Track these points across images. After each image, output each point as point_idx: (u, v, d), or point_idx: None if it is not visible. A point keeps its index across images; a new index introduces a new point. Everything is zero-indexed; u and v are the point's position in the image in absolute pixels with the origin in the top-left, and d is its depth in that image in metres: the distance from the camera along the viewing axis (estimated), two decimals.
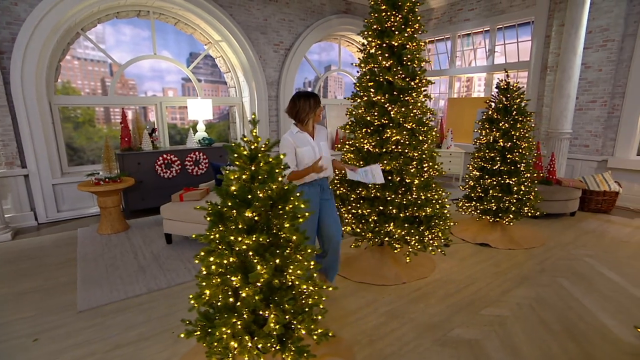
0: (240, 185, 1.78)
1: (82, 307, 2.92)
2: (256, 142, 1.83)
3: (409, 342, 2.41)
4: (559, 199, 4.93)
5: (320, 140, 2.72)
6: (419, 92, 3.25)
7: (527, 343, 2.40)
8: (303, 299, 2.04)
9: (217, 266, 1.77)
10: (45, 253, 4.05)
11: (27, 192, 4.99)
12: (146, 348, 2.40)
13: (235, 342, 1.77)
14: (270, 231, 1.82)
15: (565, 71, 5.38)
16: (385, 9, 3.08)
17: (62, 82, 6.02)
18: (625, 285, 3.15)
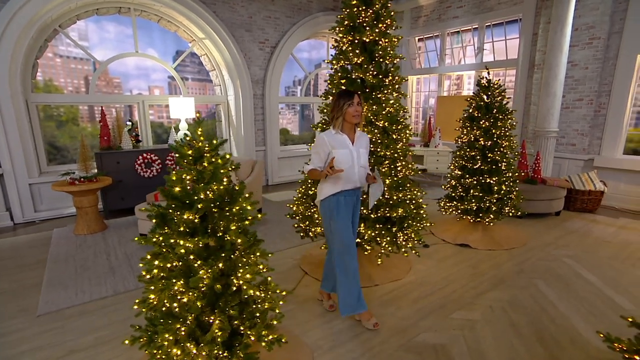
0: (184, 186, 1.71)
1: (42, 310, 2.84)
2: (200, 142, 1.75)
3: (372, 348, 2.34)
4: (543, 199, 4.86)
5: (360, 147, 2.48)
6: (393, 90, 3.17)
7: (494, 348, 2.33)
8: (258, 303, 1.97)
9: (160, 270, 1.70)
10: (17, 254, 3.96)
11: (2, 192, 4.90)
12: (102, 353, 2.32)
13: (178, 349, 1.69)
14: (216, 234, 1.74)
15: (552, 69, 5.30)
16: (356, 4, 3.00)
17: (43, 80, 5.93)
18: (601, 287, 3.08)
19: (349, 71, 3.13)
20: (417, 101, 8.93)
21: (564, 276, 3.29)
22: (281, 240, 4.25)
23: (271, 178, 7.21)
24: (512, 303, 2.86)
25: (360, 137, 2.52)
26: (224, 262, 1.70)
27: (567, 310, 2.74)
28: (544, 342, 2.37)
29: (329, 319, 2.67)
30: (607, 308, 2.75)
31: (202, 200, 1.65)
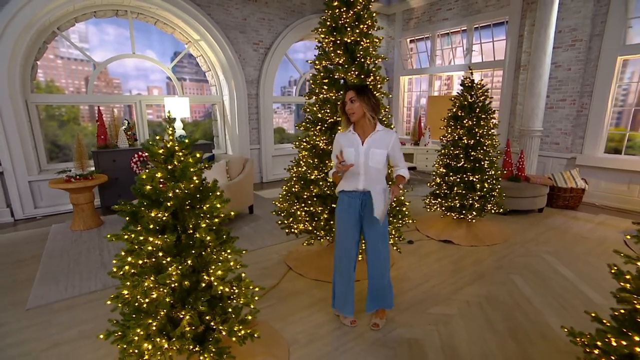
0: (154, 185, 1.66)
1: (31, 304, 2.80)
2: (173, 141, 1.70)
3: (348, 342, 2.31)
4: (526, 196, 4.81)
5: (374, 147, 2.20)
6: (376, 90, 3.11)
7: (467, 342, 2.30)
8: (233, 299, 1.93)
9: (131, 266, 1.66)
10: (15, 249, 3.93)
11: (3, 189, 4.87)
12: (84, 347, 2.29)
13: (150, 344, 1.66)
14: (186, 231, 1.70)
15: (536, 70, 5.24)
16: (337, 5, 2.94)
17: (45, 80, 5.89)
18: (576, 282, 3.03)
19: (331, 71, 3.08)
20: (409, 101, 8.86)
21: (541, 272, 3.25)
22: (270, 236, 4.21)
23: (265, 175, 7.17)
24: (489, 298, 2.83)
25: (378, 136, 2.23)
26: (194, 259, 1.66)
27: (540, 305, 2.71)
28: (516, 337, 2.33)
29: (309, 313, 2.64)
30: (579, 303, 2.71)
31: (171, 199, 1.61)
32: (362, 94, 2.17)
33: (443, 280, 3.15)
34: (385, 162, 2.28)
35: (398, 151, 2.31)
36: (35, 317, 2.64)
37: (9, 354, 2.25)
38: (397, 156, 2.32)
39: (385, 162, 2.28)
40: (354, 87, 2.22)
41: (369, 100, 2.18)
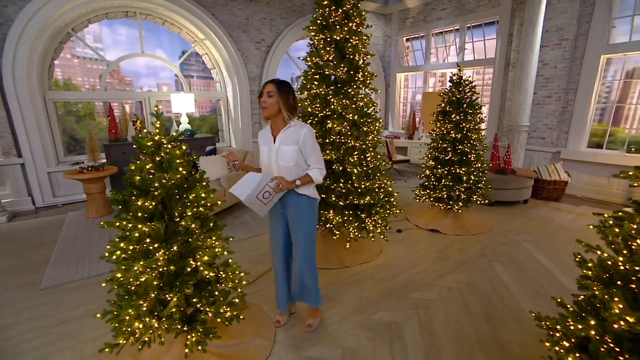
0: (143, 175, 1.66)
1: (45, 285, 2.85)
2: (160, 134, 1.69)
3: (332, 324, 2.31)
4: (512, 188, 4.74)
5: (284, 144, 1.92)
6: (365, 85, 3.06)
7: (444, 325, 2.28)
8: (221, 282, 1.93)
9: (122, 252, 1.66)
10: (33, 234, 3.99)
11: (24, 179, 4.92)
12: (89, 324, 2.32)
13: (140, 324, 1.67)
14: (173, 219, 1.70)
15: (524, 68, 5.12)
16: (327, 4, 2.87)
17: (63, 78, 5.90)
18: (553, 270, 3.00)
19: (322, 67, 3.03)
20: (405, 97, 8.74)
21: (521, 260, 3.22)
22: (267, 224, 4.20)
23: None
24: (469, 284, 2.80)
25: (289, 132, 1.93)
26: (180, 245, 1.66)
27: (517, 291, 2.68)
28: (490, 321, 2.32)
29: None
30: (553, 289, 2.69)
31: (158, 188, 1.60)
32: (282, 90, 1.90)
33: (427, 267, 3.13)
34: (299, 160, 1.94)
35: (310, 147, 1.94)
36: (47, 296, 2.68)
37: (22, 328, 2.29)
38: (307, 152, 1.94)
39: (299, 160, 1.94)
40: (276, 82, 1.92)
41: (287, 98, 1.91)
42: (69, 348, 2.09)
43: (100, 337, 2.15)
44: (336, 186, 2.98)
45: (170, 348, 1.85)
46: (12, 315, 2.44)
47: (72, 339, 2.17)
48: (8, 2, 4.43)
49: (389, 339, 2.15)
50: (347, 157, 2.94)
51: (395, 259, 3.30)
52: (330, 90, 3.00)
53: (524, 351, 2.02)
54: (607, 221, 1.47)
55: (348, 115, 2.93)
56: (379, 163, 3.19)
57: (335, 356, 2.01)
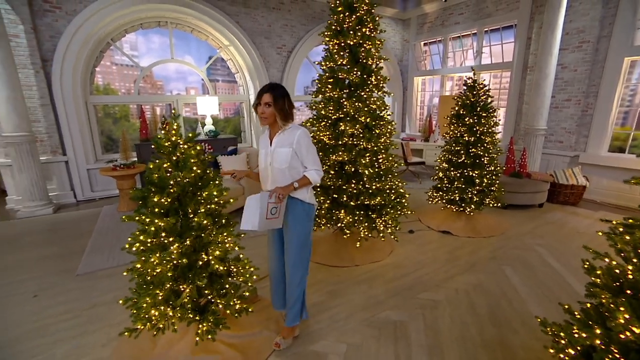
0: (161, 173, 1.71)
1: (80, 271, 3.00)
2: (176, 135, 1.73)
3: (338, 321, 2.28)
4: (527, 191, 4.53)
5: (280, 147, 1.85)
6: (378, 89, 3.02)
7: (449, 326, 2.21)
8: (233, 276, 1.96)
9: (141, 244, 1.72)
10: (74, 225, 4.20)
11: (68, 175, 5.20)
12: (115, 309, 2.42)
13: (156, 311, 1.72)
14: (187, 215, 1.74)
15: (542, 71, 4.88)
16: (341, 10, 2.85)
17: (103, 84, 6.21)
18: (565, 275, 2.83)
19: (336, 71, 3.01)
20: (422, 100, 8.56)
21: (532, 264, 3.07)
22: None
23: None
24: (477, 287, 2.70)
25: (285, 134, 1.86)
26: (193, 240, 1.70)
27: (526, 294, 2.56)
28: (496, 323, 2.22)
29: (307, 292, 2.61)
30: (564, 294, 2.54)
31: (173, 186, 1.65)
32: (278, 99, 1.81)
33: (436, 268, 3.05)
34: (293, 162, 1.85)
35: (305, 149, 1.84)
36: (82, 282, 2.82)
37: (57, 310, 2.42)
38: (303, 153, 1.85)
39: (293, 162, 1.85)
40: (272, 91, 1.81)
41: (283, 106, 1.82)
42: (97, 330, 2.19)
43: (124, 321, 2.24)
44: (347, 187, 2.96)
45: (184, 336, 1.90)
46: (52, 297, 2.59)
47: (101, 322, 2.27)
48: (58, 17, 4.70)
49: (393, 337, 2.11)
50: (359, 159, 2.91)
51: (405, 259, 3.23)
52: (344, 93, 2.98)
53: (528, 355, 1.93)
54: (617, 228, 1.37)
55: (360, 118, 2.89)
56: (391, 165, 3.14)
57: (339, 351, 1.99)
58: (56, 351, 2.01)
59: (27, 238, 3.76)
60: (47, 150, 4.95)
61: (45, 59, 4.74)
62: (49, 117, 4.88)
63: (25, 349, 2.04)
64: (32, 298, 2.59)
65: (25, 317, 2.35)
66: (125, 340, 2.00)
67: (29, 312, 2.40)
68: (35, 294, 2.65)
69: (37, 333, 2.18)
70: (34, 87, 4.67)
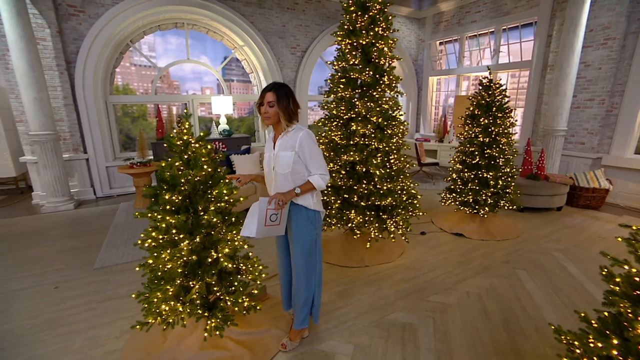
0: (173, 172, 1.74)
1: (97, 265, 3.10)
2: (188, 134, 1.76)
3: (347, 321, 2.27)
4: (544, 194, 4.38)
5: (282, 150, 1.77)
6: (390, 88, 2.98)
7: (459, 330, 2.17)
8: (242, 274, 1.98)
9: (153, 240, 1.76)
10: (93, 220, 4.35)
11: (88, 172, 5.38)
12: (128, 302, 2.49)
13: (167, 306, 1.76)
14: (197, 213, 1.77)
15: (563, 69, 4.70)
16: (354, 10, 2.83)
17: (123, 84, 6.39)
18: (583, 281, 2.73)
19: (348, 71, 2.99)
20: (437, 100, 8.41)
21: (548, 268, 2.97)
22: None
23: None
24: (489, 291, 2.64)
25: (288, 137, 1.78)
26: (202, 237, 1.72)
27: (541, 300, 2.47)
28: (509, 329, 2.16)
29: None
30: (582, 301, 2.44)
31: (184, 184, 1.68)
32: (282, 99, 1.74)
33: (448, 270, 2.99)
34: (296, 167, 1.76)
35: (308, 152, 1.75)
36: (98, 275, 2.92)
37: (77, 302, 2.52)
38: (306, 157, 1.76)
39: (296, 167, 1.76)
40: (276, 90, 1.74)
41: (287, 105, 1.75)
42: (111, 322, 2.26)
43: (136, 315, 2.30)
44: (358, 187, 2.94)
45: (193, 331, 1.93)
46: (71, 289, 2.69)
47: (114, 315, 2.34)
48: (82, 20, 4.86)
49: (401, 339, 2.09)
50: (371, 159, 2.88)
51: (416, 261, 3.19)
52: (356, 93, 2.96)
53: None
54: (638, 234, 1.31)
55: (372, 118, 2.87)
56: (403, 165, 3.10)
57: (346, 352, 1.98)
58: (73, 341, 2.09)
59: (50, 232, 3.91)
60: (69, 148, 5.14)
61: (69, 60, 4.91)
62: (71, 117, 5.06)
63: (46, 337, 2.12)
64: (53, 289, 2.70)
65: (46, 307, 2.45)
66: (137, 333, 2.06)
67: (50, 303, 2.50)
68: (56, 285, 2.75)
69: (56, 323, 2.26)
70: (58, 88, 4.85)
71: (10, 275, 2.92)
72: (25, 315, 2.35)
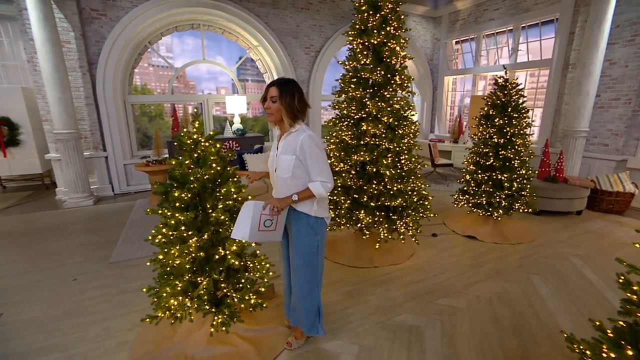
0: (183, 170, 1.78)
1: (113, 259, 3.21)
2: (197, 133, 1.80)
3: (353, 322, 2.27)
4: (563, 197, 4.23)
5: (283, 152, 1.68)
6: (402, 88, 2.95)
7: (467, 334, 2.12)
8: (249, 271, 2.01)
9: (163, 236, 1.80)
10: (111, 216, 4.50)
11: (107, 170, 5.57)
12: (140, 296, 2.56)
13: (175, 301, 1.80)
14: (206, 210, 1.80)
15: (585, 68, 4.53)
16: (365, 9, 2.82)
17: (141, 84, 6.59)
18: (601, 287, 2.62)
19: (359, 71, 2.98)
20: (453, 100, 8.26)
21: (565, 274, 2.86)
22: None
23: None
24: (501, 295, 2.57)
25: (290, 139, 1.68)
26: (210, 235, 1.76)
27: (555, 307, 2.39)
28: (519, 335, 2.10)
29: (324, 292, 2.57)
30: (601, 309, 2.34)
31: (193, 182, 1.71)
32: (285, 94, 1.63)
33: (458, 273, 2.94)
34: (297, 172, 1.67)
35: (309, 157, 1.63)
36: (114, 269, 3.02)
37: (93, 294, 2.61)
38: (307, 162, 1.65)
39: (297, 172, 1.67)
40: (279, 85, 1.64)
41: (291, 102, 1.63)
42: (123, 315, 2.33)
43: (147, 309, 2.36)
44: (368, 187, 2.92)
45: (201, 326, 1.97)
46: (88, 282, 2.79)
47: (127, 308, 2.42)
48: (103, 23, 5.04)
49: (407, 342, 2.06)
50: (381, 159, 2.86)
51: (426, 263, 3.14)
52: (367, 93, 2.94)
53: None
54: None
55: (383, 118, 2.84)
56: (414, 166, 3.06)
57: (351, 352, 1.98)
58: (89, 331, 2.17)
59: (71, 227, 4.08)
60: (90, 146, 5.33)
61: (91, 62, 5.10)
62: (92, 116, 5.25)
63: (63, 327, 2.21)
64: (71, 281, 2.81)
65: (65, 298, 2.55)
66: (148, 327, 2.12)
67: (69, 294, 2.61)
68: (74, 277, 2.87)
69: (74, 313, 2.36)
70: (80, 89, 5.05)
71: (33, 266, 3.06)
72: (46, 305, 2.46)
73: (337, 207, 3.07)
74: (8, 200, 5.25)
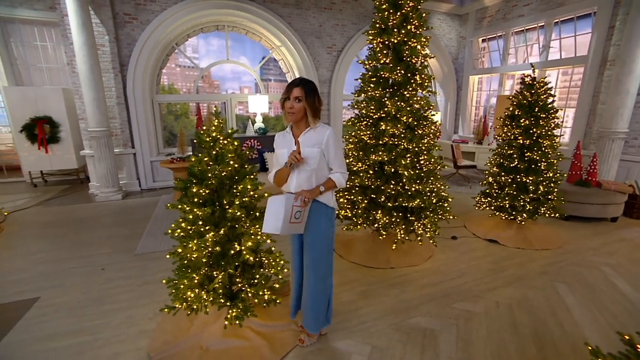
0: (202, 167, 1.85)
1: (138, 251, 3.37)
2: (217, 131, 1.86)
3: (366, 322, 2.26)
4: (595, 202, 3.99)
5: (306, 146, 1.75)
6: (422, 88, 2.90)
7: (484, 340, 2.06)
8: (265, 267, 2.05)
9: (181, 230, 1.88)
10: (138, 210, 4.72)
11: (135, 166, 5.84)
12: (161, 288, 2.66)
13: (192, 293, 1.87)
14: (223, 206, 1.86)
15: (626, 65, 4.25)
16: (386, 7, 2.79)
17: (168, 84, 6.86)
18: (635, 299, 2.45)
19: (379, 70, 2.96)
20: (478, 100, 7.99)
21: (593, 283, 2.71)
22: None
23: None
24: (522, 302, 2.47)
25: (312, 133, 1.77)
26: (227, 230, 1.81)
27: (581, 318, 2.27)
28: (540, 344, 2.01)
29: (338, 291, 2.60)
30: (633, 322, 2.20)
31: (211, 178, 1.77)
32: (309, 94, 1.72)
33: (477, 278, 2.85)
34: (321, 163, 1.78)
35: (333, 149, 1.77)
36: (138, 261, 3.17)
37: (119, 284, 2.76)
38: (331, 155, 1.78)
39: (321, 163, 1.78)
40: (303, 85, 1.72)
41: (314, 101, 1.74)
42: (145, 305, 2.45)
43: (167, 300, 2.46)
44: (386, 187, 2.90)
45: (217, 319, 2.03)
46: (115, 272, 2.95)
47: (149, 298, 2.53)
48: (135, 27, 5.29)
49: (421, 345, 2.03)
50: (400, 159, 2.83)
51: (444, 266, 3.07)
52: (387, 92, 2.92)
53: None
54: None
55: (402, 118, 2.81)
56: (434, 167, 3.00)
57: (363, 352, 1.97)
58: (113, 318, 2.29)
59: (101, 219, 4.32)
60: (120, 143, 5.61)
61: (122, 63, 5.37)
62: (122, 115, 5.52)
63: (90, 313, 2.36)
64: (100, 270, 2.98)
65: (93, 286, 2.71)
66: (167, 317, 2.21)
67: (96, 282, 2.77)
68: (102, 267, 3.04)
69: (100, 301, 2.50)
70: (112, 89, 5.32)
71: (68, 254, 3.28)
72: (77, 291, 2.64)
73: (354, 207, 3.07)
74: (49, 192, 5.63)
